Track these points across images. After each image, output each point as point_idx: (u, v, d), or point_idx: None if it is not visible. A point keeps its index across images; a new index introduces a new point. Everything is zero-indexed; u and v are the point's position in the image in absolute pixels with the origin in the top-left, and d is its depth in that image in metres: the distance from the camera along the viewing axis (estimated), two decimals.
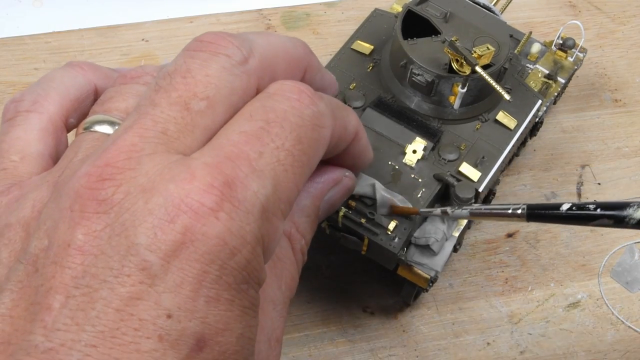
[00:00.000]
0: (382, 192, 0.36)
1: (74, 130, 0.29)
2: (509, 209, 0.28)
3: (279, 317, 0.27)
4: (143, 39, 0.53)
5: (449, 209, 0.32)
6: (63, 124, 0.29)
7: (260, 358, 0.25)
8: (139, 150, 0.23)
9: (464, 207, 0.31)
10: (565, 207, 0.26)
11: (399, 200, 0.37)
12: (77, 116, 0.30)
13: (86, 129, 0.27)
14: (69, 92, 0.30)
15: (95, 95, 0.30)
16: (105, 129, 0.27)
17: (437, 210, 0.33)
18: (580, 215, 0.26)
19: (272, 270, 0.27)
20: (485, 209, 0.30)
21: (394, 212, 0.36)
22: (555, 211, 0.27)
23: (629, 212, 0.25)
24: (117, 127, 0.26)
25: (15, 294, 0.22)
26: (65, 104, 0.29)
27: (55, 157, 0.28)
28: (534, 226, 0.46)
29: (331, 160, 0.30)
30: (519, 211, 0.28)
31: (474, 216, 0.31)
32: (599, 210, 0.26)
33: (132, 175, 0.23)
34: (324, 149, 0.26)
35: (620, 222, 0.25)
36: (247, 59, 0.26)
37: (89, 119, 0.27)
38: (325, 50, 0.53)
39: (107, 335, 0.21)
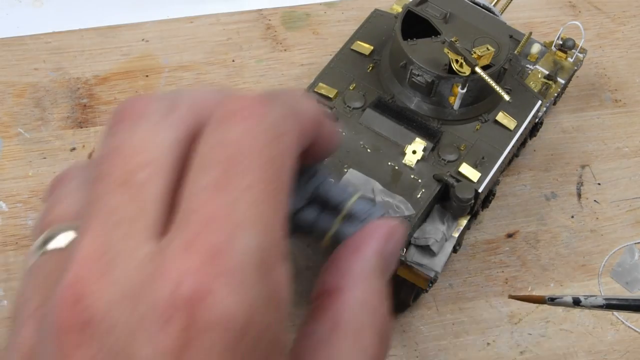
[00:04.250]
0: (380, 195, 0.36)
1: None
2: None
3: None
4: (143, 39, 0.53)
5: (582, 297, 0.31)
6: None
7: None
8: (102, 254, 0.21)
9: (599, 296, 0.30)
10: None
11: (399, 201, 0.37)
12: None
13: (41, 253, 0.25)
14: None
15: None
16: (60, 240, 0.24)
17: (568, 298, 0.32)
18: None
19: (353, 347, 0.25)
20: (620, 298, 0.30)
21: (517, 298, 0.34)
22: None
23: None
24: (68, 232, 0.24)
25: None
26: None
27: None
28: (534, 226, 0.46)
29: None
30: None
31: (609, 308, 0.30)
32: None
33: (108, 283, 0.21)
34: (296, 152, 0.24)
35: None
36: (172, 108, 0.24)
37: (36, 244, 0.25)
38: (325, 50, 0.53)
39: None
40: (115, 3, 0.56)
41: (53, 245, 0.24)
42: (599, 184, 0.48)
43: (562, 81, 0.46)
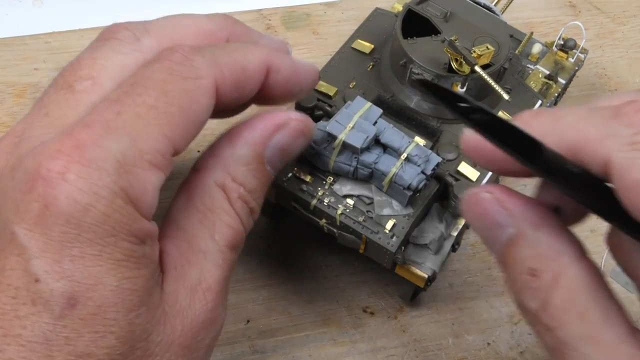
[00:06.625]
0: (378, 195, 0.36)
1: None
2: None
3: (213, 266, 0.28)
4: None
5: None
6: None
7: (179, 307, 0.27)
8: (19, 134, 0.26)
9: None
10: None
11: (397, 205, 0.37)
12: None
13: None
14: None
15: None
16: None
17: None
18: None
19: (201, 222, 0.28)
20: None
21: None
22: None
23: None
24: None
25: None
26: None
27: None
28: None
29: (266, 101, 0.32)
30: None
31: None
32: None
33: (7, 158, 0.26)
34: (207, 97, 0.27)
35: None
36: (139, 38, 0.29)
37: None
38: (325, 50, 0.52)
39: None
40: (115, 3, 0.56)
41: None
42: None
43: (563, 81, 0.46)
